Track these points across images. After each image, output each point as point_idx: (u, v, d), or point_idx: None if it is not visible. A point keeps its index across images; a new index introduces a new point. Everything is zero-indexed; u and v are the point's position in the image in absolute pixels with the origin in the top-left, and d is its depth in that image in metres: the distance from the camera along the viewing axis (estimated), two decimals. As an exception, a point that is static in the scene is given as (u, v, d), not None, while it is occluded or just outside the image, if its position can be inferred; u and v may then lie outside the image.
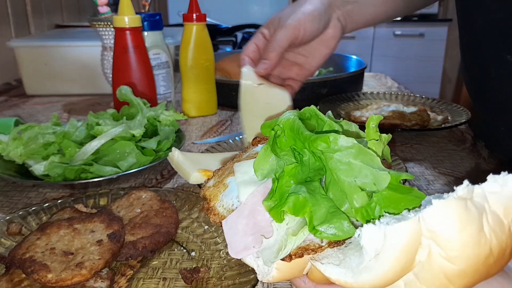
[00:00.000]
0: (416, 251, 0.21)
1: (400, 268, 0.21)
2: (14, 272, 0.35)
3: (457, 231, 0.20)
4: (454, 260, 0.20)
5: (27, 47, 0.94)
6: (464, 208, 0.20)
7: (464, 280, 0.21)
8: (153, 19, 0.76)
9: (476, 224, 0.20)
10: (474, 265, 0.20)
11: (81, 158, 0.52)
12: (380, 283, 0.21)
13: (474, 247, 0.20)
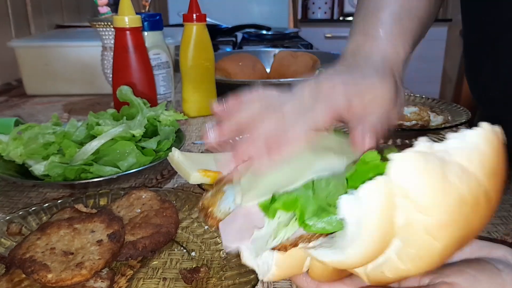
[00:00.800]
0: (393, 212, 0.21)
1: (384, 231, 0.21)
2: (14, 272, 0.35)
3: (420, 181, 0.20)
4: (427, 210, 0.20)
5: (27, 47, 0.94)
6: (424, 160, 0.20)
7: (445, 232, 0.21)
8: (153, 19, 0.76)
9: (439, 172, 0.20)
10: (449, 213, 0.20)
11: (81, 158, 0.52)
12: (369, 253, 0.22)
13: (442, 195, 0.20)
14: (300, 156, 0.28)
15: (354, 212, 0.21)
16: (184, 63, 0.78)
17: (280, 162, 0.28)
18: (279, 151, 0.29)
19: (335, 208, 0.22)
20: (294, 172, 0.27)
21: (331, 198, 0.23)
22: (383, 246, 0.22)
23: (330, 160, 0.28)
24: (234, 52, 1.24)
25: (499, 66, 0.54)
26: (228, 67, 0.92)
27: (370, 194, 0.21)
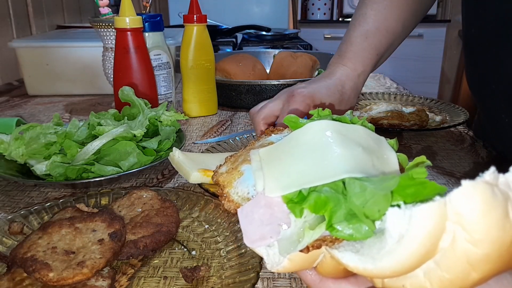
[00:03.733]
0: (440, 236, 0.20)
1: (424, 252, 0.20)
2: (15, 271, 0.35)
3: (483, 213, 0.19)
4: (479, 243, 0.20)
5: (28, 48, 0.94)
6: (491, 192, 0.20)
7: (487, 266, 0.21)
8: (154, 20, 0.77)
9: (502, 208, 0.20)
10: (498, 250, 0.20)
11: (82, 158, 0.52)
12: (402, 269, 0.21)
13: (499, 231, 0.20)
14: (327, 146, 0.26)
15: (400, 227, 0.20)
16: (185, 63, 0.78)
17: (304, 150, 0.26)
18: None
19: (370, 220, 0.22)
20: (321, 165, 0.25)
21: (368, 209, 0.22)
22: (417, 266, 0.21)
23: (360, 157, 0.25)
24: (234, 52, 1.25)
25: (499, 63, 0.55)
26: (228, 68, 0.92)
27: (424, 215, 0.20)
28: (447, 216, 0.20)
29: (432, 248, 0.21)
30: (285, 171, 0.25)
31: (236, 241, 0.39)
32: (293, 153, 0.26)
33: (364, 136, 0.28)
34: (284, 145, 0.27)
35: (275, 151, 0.27)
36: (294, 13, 2.75)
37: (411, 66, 2.82)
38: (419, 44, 2.77)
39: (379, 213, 0.21)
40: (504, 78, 0.54)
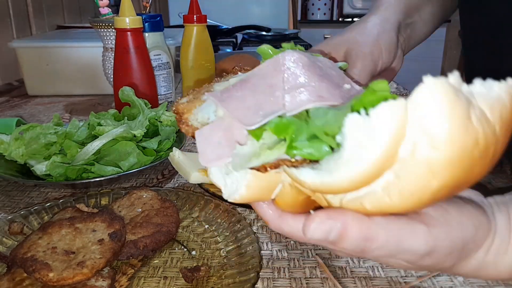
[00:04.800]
0: (400, 141, 0.19)
1: (385, 160, 0.19)
2: (15, 271, 0.35)
3: (446, 113, 0.19)
4: (440, 146, 0.19)
5: (28, 48, 0.94)
6: (454, 93, 0.19)
7: (448, 172, 0.20)
8: (154, 20, 0.77)
9: (465, 110, 0.19)
10: (460, 153, 0.19)
11: (82, 158, 0.52)
12: (360, 179, 0.20)
13: (461, 133, 0.19)
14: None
15: (359, 133, 0.19)
16: (185, 63, 0.78)
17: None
18: None
19: (331, 138, 0.21)
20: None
21: (328, 127, 0.21)
22: (376, 175, 0.20)
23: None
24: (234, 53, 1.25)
25: (496, 65, 0.55)
26: (228, 68, 0.92)
27: (384, 116, 0.19)
28: (407, 118, 0.19)
29: (392, 153, 0.19)
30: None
31: (236, 241, 0.39)
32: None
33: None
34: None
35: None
36: (294, 13, 2.74)
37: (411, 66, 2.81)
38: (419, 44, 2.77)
39: (339, 128, 0.20)
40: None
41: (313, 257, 0.39)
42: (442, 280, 0.35)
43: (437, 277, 0.36)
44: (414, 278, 0.36)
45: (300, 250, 0.40)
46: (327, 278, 0.36)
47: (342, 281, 0.35)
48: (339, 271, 0.37)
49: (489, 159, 0.21)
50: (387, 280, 0.36)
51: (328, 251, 0.40)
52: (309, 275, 0.36)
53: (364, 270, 0.37)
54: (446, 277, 0.36)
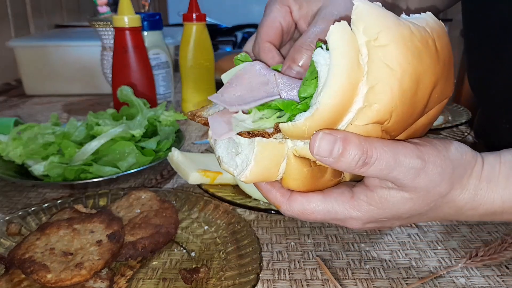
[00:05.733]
0: (357, 53, 0.23)
1: (351, 68, 0.23)
2: (13, 272, 0.35)
3: (379, 17, 0.23)
4: (382, 39, 0.22)
5: (26, 47, 0.94)
6: (381, 7, 0.23)
7: (400, 57, 0.22)
8: (152, 19, 0.76)
9: (393, 15, 0.23)
10: (401, 38, 0.23)
11: (80, 158, 0.51)
12: (341, 93, 0.23)
13: (394, 25, 0.23)
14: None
15: (326, 59, 0.23)
16: (184, 63, 0.78)
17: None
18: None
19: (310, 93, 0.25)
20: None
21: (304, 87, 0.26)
22: (352, 87, 0.23)
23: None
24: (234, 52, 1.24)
25: (498, 65, 0.55)
26: (228, 67, 0.91)
27: (334, 34, 0.23)
28: (355, 36, 0.23)
29: (356, 64, 0.23)
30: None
31: (236, 242, 0.39)
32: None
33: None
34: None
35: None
36: (294, 12, 2.74)
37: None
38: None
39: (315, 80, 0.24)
40: (503, 84, 0.54)
41: (314, 258, 0.39)
42: (444, 282, 0.35)
43: (438, 278, 0.36)
44: (416, 280, 0.35)
45: (300, 252, 0.40)
46: (328, 279, 0.36)
47: (343, 283, 0.35)
48: (340, 272, 0.36)
49: (434, 52, 0.24)
50: (388, 281, 0.35)
51: (329, 252, 0.39)
52: (310, 276, 0.36)
53: (365, 271, 0.37)
54: (448, 278, 0.36)
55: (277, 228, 0.43)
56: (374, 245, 0.40)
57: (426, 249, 0.40)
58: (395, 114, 0.24)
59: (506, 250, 0.39)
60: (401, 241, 0.41)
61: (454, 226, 0.44)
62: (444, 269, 0.37)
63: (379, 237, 0.42)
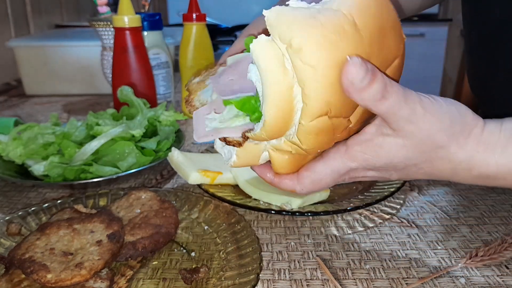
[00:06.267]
0: (281, 59, 0.24)
1: (279, 72, 0.24)
2: (13, 272, 0.35)
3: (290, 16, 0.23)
4: (296, 42, 0.23)
5: (26, 47, 0.94)
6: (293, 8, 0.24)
7: (319, 55, 0.23)
8: (152, 19, 0.76)
9: (305, 10, 0.24)
10: (312, 38, 0.23)
11: (80, 158, 0.51)
12: (280, 98, 0.24)
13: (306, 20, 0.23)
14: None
15: (257, 75, 0.25)
16: (184, 63, 0.78)
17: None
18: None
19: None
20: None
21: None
22: (287, 93, 0.24)
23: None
24: (234, 52, 1.24)
25: (498, 65, 0.55)
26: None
27: (255, 51, 0.24)
28: (275, 43, 0.24)
29: (282, 68, 0.24)
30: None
31: (236, 242, 0.39)
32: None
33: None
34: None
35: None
36: (294, 12, 2.74)
37: (412, 65, 2.82)
38: (420, 43, 2.77)
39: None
40: (503, 85, 0.54)
41: (314, 258, 0.39)
42: (444, 282, 0.35)
43: (438, 278, 0.36)
44: (416, 280, 0.35)
45: (300, 252, 0.40)
46: (328, 279, 0.36)
47: (343, 283, 0.35)
48: (340, 272, 0.36)
49: (352, 33, 0.24)
50: (388, 281, 0.35)
51: (329, 252, 0.39)
52: (310, 276, 0.36)
53: (365, 271, 0.37)
54: (448, 278, 0.36)
55: (277, 228, 0.43)
56: (374, 245, 0.41)
57: (426, 249, 0.40)
58: (333, 104, 0.25)
59: (506, 250, 0.39)
60: (401, 241, 0.41)
61: (454, 226, 0.44)
62: (444, 269, 0.37)
63: (379, 237, 0.42)
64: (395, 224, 0.44)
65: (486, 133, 0.28)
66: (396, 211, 0.47)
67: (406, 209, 0.47)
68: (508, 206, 0.48)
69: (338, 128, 0.27)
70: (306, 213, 0.43)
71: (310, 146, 0.27)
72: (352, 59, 0.24)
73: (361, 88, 0.24)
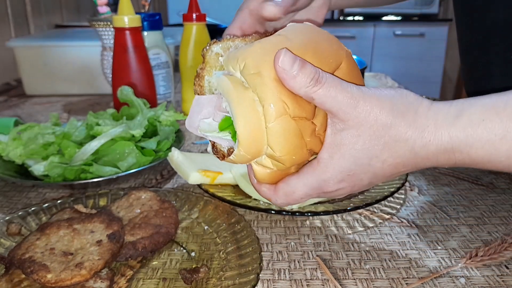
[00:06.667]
0: (241, 84, 0.28)
1: (241, 95, 0.27)
2: (13, 272, 0.35)
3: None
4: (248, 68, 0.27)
5: (26, 47, 0.94)
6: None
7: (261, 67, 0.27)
8: (152, 19, 0.76)
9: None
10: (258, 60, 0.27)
11: (80, 158, 0.51)
12: (249, 115, 0.27)
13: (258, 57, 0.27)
14: None
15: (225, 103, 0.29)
16: (184, 63, 0.78)
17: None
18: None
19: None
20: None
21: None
22: (252, 109, 0.27)
23: None
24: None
25: (490, 67, 0.55)
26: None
27: (220, 86, 0.28)
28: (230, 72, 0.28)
29: (242, 88, 0.28)
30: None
31: (236, 242, 0.39)
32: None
33: None
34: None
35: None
36: (294, 12, 2.74)
37: (412, 65, 2.82)
38: (420, 44, 2.77)
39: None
40: (497, 88, 0.55)
41: (314, 258, 0.39)
42: (444, 282, 0.35)
43: (438, 278, 0.36)
44: (416, 280, 0.35)
45: (300, 252, 0.40)
46: (328, 279, 0.36)
47: (343, 283, 0.35)
48: (340, 272, 0.36)
49: (291, 42, 0.28)
50: (388, 281, 0.35)
51: (329, 252, 0.39)
52: (310, 276, 0.36)
53: (365, 271, 0.37)
54: (448, 278, 0.36)
55: (277, 228, 0.43)
56: (374, 245, 0.41)
57: (426, 249, 0.40)
58: (287, 101, 0.27)
59: (506, 250, 0.39)
60: (401, 241, 0.41)
61: (454, 226, 0.44)
62: (444, 269, 0.37)
63: (379, 237, 0.42)
64: (395, 224, 0.44)
65: (434, 109, 0.28)
66: (396, 211, 0.47)
67: (406, 209, 0.47)
68: (508, 206, 0.48)
69: (305, 131, 0.28)
70: (306, 213, 0.43)
71: (283, 152, 0.28)
72: (282, 50, 0.27)
73: (293, 75, 0.27)
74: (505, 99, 0.27)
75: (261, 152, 0.29)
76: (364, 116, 0.27)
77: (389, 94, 0.28)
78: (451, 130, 0.27)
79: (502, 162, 0.27)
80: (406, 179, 0.49)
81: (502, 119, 0.26)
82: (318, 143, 0.30)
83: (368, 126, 0.28)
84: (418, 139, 0.28)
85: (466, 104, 0.28)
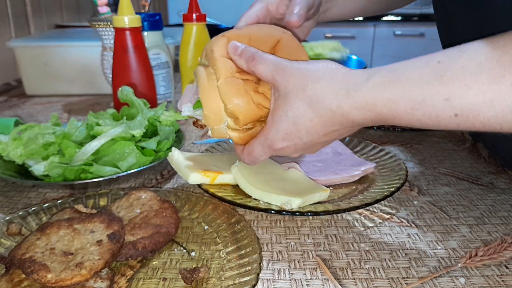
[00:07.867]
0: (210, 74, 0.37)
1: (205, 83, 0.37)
2: (14, 272, 0.35)
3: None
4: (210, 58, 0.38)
5: (26, 47, 0.94)
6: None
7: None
8: (153, 19, 0.76)
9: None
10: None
11: (81, 158, 0.51)
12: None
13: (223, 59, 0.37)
14: None
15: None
16: (184, 63, 0.78)
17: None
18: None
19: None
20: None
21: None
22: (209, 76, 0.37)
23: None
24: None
25: None
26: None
27: (195, 71, 0.39)
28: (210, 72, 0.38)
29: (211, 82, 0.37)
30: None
31: (236, 242, 0.39)
32: None
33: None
34: None
35: None
36: (294, 12, 2.74)
37: (411, 65, 2.82)
38: (420, 44, 2.77)
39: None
40: None
41: (314, 258, 0.39)
42: (444, 282, 0.35)
43: (438, 278, 0.36)
44: (416, 279, 0.35)
45: (300, 251, 0.40)
46: (328, 279, 0.36)
47: (342, 282, 0.35)
48: (339, 272, 0.37)
49: (240, 32, 0.39)
50: (388, 281, 0.35)
51: (329, 252, 0.39)
52: (310, 276, 0.36)
53: (365, 271, 0.37)
54: (448, 278, 0.36)
55: (277, 228, 0.43)
56: (374, 245, 0.41)
57: (426, 249, 0.40)
58: (235, 69, 0.36)
59: (506, 250, 0.39)
60: (401, 241, 0.41)
61: (454, 226, 0.44)
62: (444, 269, 0.37)
63: (379, 237, 0.42)
64: (394, 224, 0.44)
65: (349, 75, 0.32)
66: (396, 211, 0.47)
67: (406, 209, 0.47)
68: (508, 206, 0.48)
69: (249, 88, 0.35)
70: (306, 213, 0.43)
71: (231, 103, 0.35)
72: (233, 41, 0.37)
73: (239, 53, 0.36)
74: (406, 64, 0.31)
75: (221, 111, 0.36)
76: (292, 84, 0.33)
77: (316, 65, 0.34)
78: (360, 92, 0.31)
79: (403, 118, 0.30)
80: (406, 179, 0.49)
81: (400, 81, 0.30)
82: (265, 99, 0.36)
83: (293, 91, 0.33)
84: (333, 100, 0.32)
85: (375, 70, 0.32)
